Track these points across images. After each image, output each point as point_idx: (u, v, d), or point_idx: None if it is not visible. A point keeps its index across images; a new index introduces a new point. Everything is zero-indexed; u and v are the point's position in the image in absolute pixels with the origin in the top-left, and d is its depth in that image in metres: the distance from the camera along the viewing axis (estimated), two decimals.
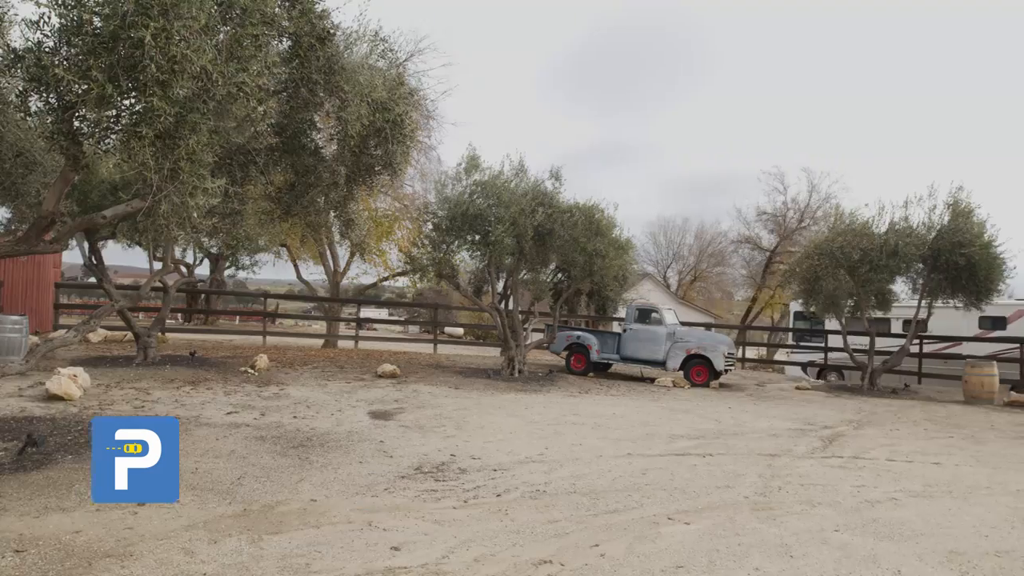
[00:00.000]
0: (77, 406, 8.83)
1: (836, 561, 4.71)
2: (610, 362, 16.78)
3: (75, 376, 9.59)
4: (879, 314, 17.10)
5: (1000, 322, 17.47)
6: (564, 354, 16.86)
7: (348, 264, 21.62)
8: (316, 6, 7.12)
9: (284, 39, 7.05)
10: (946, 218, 15.20)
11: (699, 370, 15.48)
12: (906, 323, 16.86)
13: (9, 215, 10.18)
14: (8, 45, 5.30)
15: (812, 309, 16.97)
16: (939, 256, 14.96)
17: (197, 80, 5.05)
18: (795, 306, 20.10)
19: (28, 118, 6.11)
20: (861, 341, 17.34)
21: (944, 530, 5.52)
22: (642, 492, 6.27)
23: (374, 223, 19.45)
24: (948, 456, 8.63)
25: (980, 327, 17.53)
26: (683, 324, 17.57)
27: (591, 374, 16.49)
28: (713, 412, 11.51)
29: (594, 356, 16.33)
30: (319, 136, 8.91)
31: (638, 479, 6.74)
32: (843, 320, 16.65)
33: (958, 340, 17.30)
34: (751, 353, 20.85)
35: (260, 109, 6.07)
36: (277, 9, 6.14)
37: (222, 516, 5.12)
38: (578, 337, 16.62)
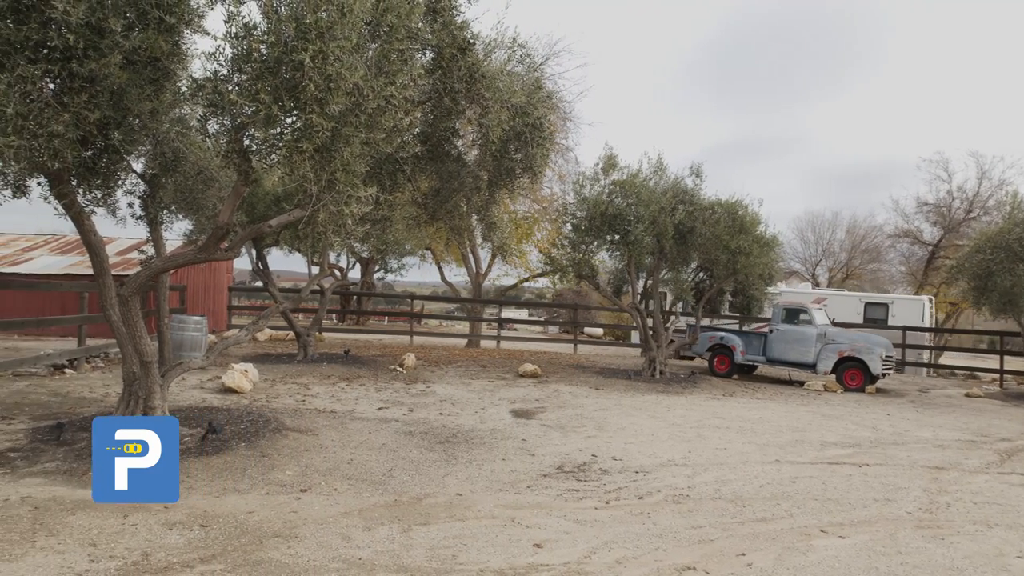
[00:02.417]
0: (248, 398, 9.68)
1: None
2: (755, 364, 16.10)
3: (246, 371, 10.54)
4: None
5: None
6: (707, 355, 16.38)
7: (489, 266, 22.17)
8: (457, 18, 7.39)
9: (427, 51, 7.36)
10: None
11: (853, 373, 14.49)
12: None
13: (190, 227, 11.29)
14: (191, 76, 5.92)
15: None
16: None
17: (350, 96, 5.39)
18: None
19: (207, 140, 6.76)
20: None
21: None
22: (791, 501, 5.98)
23: (514, 225, 19.81)
24: None
25: None
26: (834, 324, 16.51)
27: (735, 376, 15.90)
28: (870, 419, 10.75)
29: (738, 358, 15.73)
30: (461, 143, 9.22)
31: (787, 487, 6.44)
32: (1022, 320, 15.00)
33: None
34: (911, 356, 19.21)
35: (407, 120, 6.41)
36: (420, 24, 6.42)
37: (375, 505, 5.43)
38: (721, 338, 16.07)
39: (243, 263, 22.39)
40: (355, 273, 30.52)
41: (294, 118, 5.36)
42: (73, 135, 5.29)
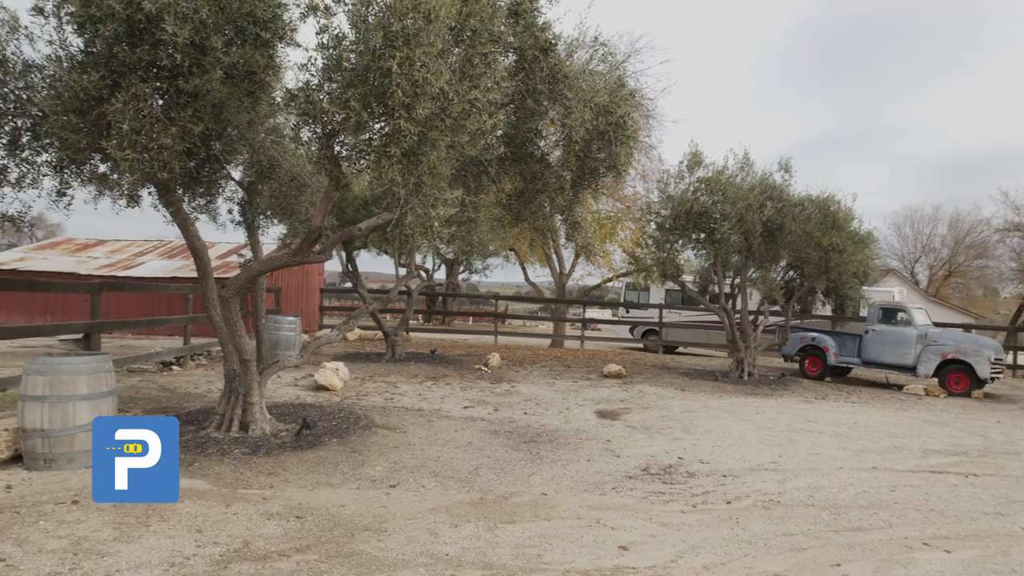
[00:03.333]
0: (339, 395, 10.02)
1: None
2: (849, 366, 15.40)
3: (337, 370, 10.92)
4: None
5: None
6: (798, 357, 15.81)
7: (573, 266, 22.13)
8: (538, 19, 7.42)
9: (510, 54, 7.42)
10: None
11: (957, 377, 13.62)
12: None
13: (285, 231, 11.80)
14: (285, 87, 6.20)
15: None
16: None
17: (436, 100, 5.51)
18: None
19: (300, 147, 7.06)
20: None
21: None
22: (890, 511, 5.70)
23: (598, 225, 19.70)
24: None
25: None
26: (936, 325, 15.62)
27: (828, 378, 15.27)
28: (977, 426, 10.11)
29: (831, 359, 15.09)
30: (544, 143, 9.25)
31: (885, 496, 6.15)
32: None
33: None
34: None
35: (491, 122, 6.50)
36: (503, 27, 6.48)
37: (461, 503, 5.52)
38: (813, 339, 15.47)
39: (333, 265, 23.26)
40: (440, 274, 31.15)
41: (382, 124, 5.52)
42: (179, 147, 5.63)
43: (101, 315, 9.42)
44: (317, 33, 5.48)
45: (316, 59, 5.57)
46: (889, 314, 14.75)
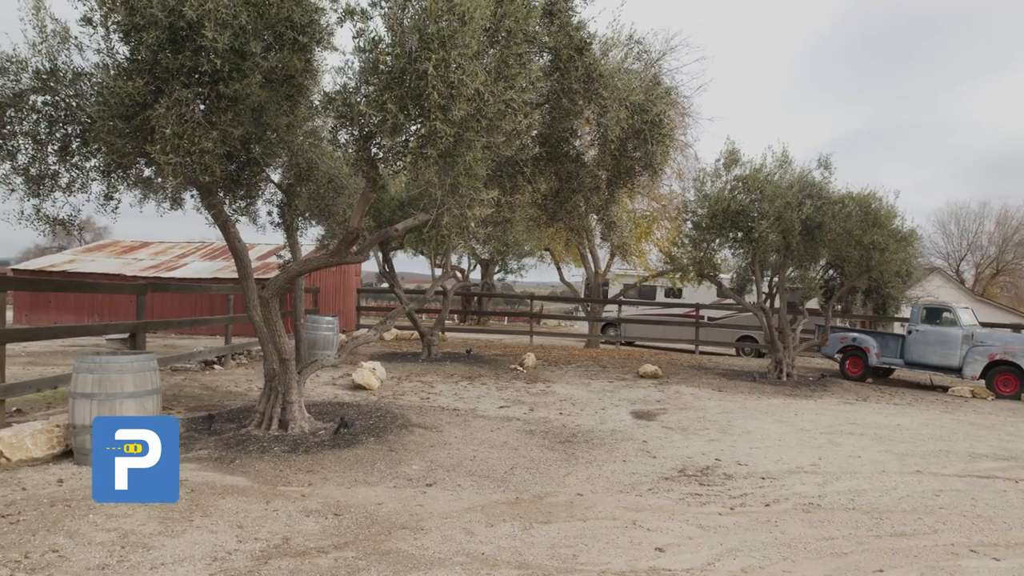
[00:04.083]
0: (376, 395, 10.13)
1: None
2: (892, 367, 15.05)
3: (374, 369, 11.04)
4: None
5: None
6: (838, 357, 15.50)
7: (608, 265, 22.02)
8: (573, 19, 7.40)
9: (545, 54, 7.42)
10: None
11: (1007, 379, 13.20)
12: None
13: (322, 232, 11.96)
14: (322, 91, 6.29)
15: None
16: None
17: (471, 102, 5.53)
18: None
19: (337, 149, 7.16)
20: None
21: None
22: (935, 516, 5.56)
23: (633, 224, 19.57)
24: None
25: None
26: (983, 325, 15.17)
27: (869, 380, 14.95)
28: None
29: (873, 360, 14.76)
30: (579, 143, 9.22)
31: (930, 501, 5.99)
32: None
33: None
34: None
35: (526, 122, 6.51)
36: (537, 27, 6.48)
37: (497, 502, 5.54)
38: (854, 339, 15.15)
39: (370, 266, 23.50)
40: (476, 274, 31.28)
41: (418, 125, 5.56)
42: (220, 151, 5.76)
43: (146, 315, 9.67)
44: (354, 37, 5.55)
45: (353, 62, 5.64)
46: (934, 314, 14.38)
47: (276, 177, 8.65)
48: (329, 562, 4.13)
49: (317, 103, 6.40)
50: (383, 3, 5.47)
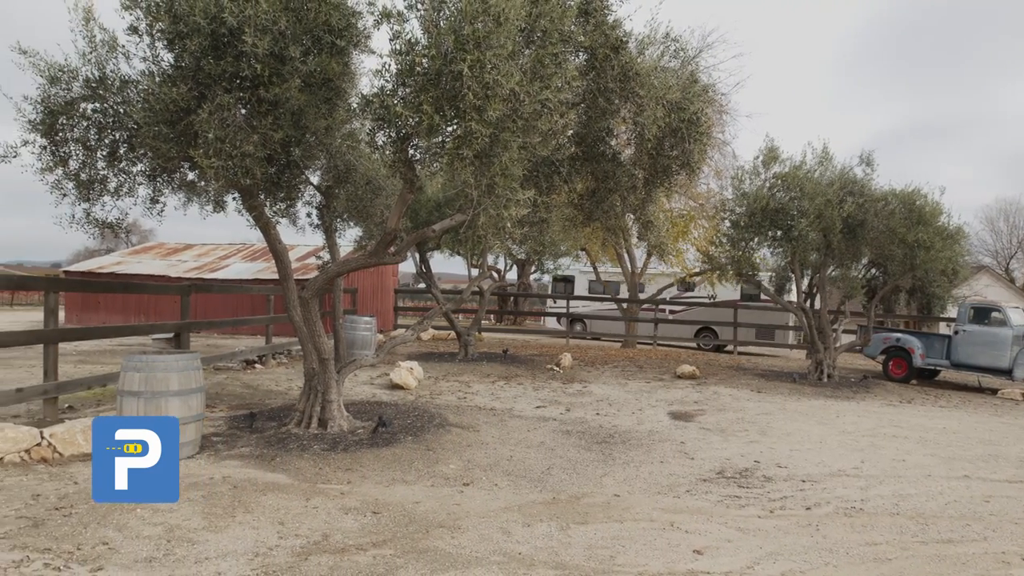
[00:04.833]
0: (413, 394, 10.21)
1: None
2: (937, 368, 14.66)
3: (411, 369, 11.13)
4: None
5: None
6: (881, 358, 15.14)
7: (645, 265, 21.87)
8: (608, 17, 7.36)
9: (580, 53, 7.39)
10: None
11: None
12: None
13: (360, 233, 12.10)
14: (360, 93, 6.36)
15: None
16: None
17: (507, 102, 5.55)
18: None
19: (375, 151, 7.24)
20: None
21: None
22: (984, 523, 5.40)
23: (670, 223, 19.39)
24: None
25: None
26: None
27: (913, 381, 14.57)
28: None
29: (917, 361, 14.37)
30: (616, 142, 9.16)
31: (979, 507, 5.82)
32: None
33: None
34: None
35: (562, 122, 6.47)
36: (573, 26, 6.46)
37: (533, 502, 5.54)
38: (898, 339, 14.78)
39: (407, 266, 23.65)
40: (512, 274, 31.29)
41: (455, 126, 5.59)
42: (261, 154, 5.87)
43: (190, 315, 9.89)
44: (390, 39, 5.60)
45: (390, 65, 5.68)
46: (982, 314, 13.96)
47: (315, 179, 8.78)
48: (368, 559, 4.18)
49: (355, 106, 6.47)
50: (419, 5, 5.51)
